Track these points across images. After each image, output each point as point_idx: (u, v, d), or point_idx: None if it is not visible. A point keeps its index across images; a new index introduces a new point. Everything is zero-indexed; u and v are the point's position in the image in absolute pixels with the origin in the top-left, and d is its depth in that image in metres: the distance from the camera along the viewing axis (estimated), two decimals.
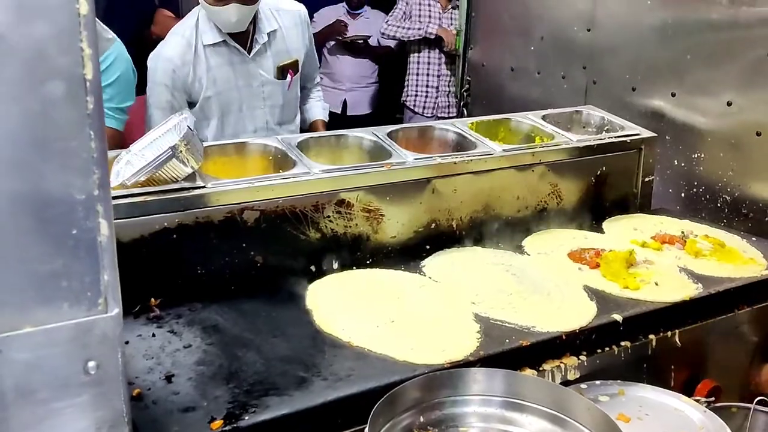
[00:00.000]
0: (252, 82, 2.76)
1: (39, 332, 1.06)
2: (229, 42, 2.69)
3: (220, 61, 2.70)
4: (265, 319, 1.65)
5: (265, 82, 2.79)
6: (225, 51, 2.69)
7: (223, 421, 1.27)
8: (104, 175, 1.06)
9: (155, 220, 1.69)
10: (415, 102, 5.38)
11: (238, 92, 2.75)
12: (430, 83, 5.34)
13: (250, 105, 2.78)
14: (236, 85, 2.74)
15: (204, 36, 2.66)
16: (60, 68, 1.00)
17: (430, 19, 5.22)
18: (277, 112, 2.86)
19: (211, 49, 2.67)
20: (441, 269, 1.91)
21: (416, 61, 5.35)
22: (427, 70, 5.34)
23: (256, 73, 2.77)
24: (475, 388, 1.37)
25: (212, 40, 2.67)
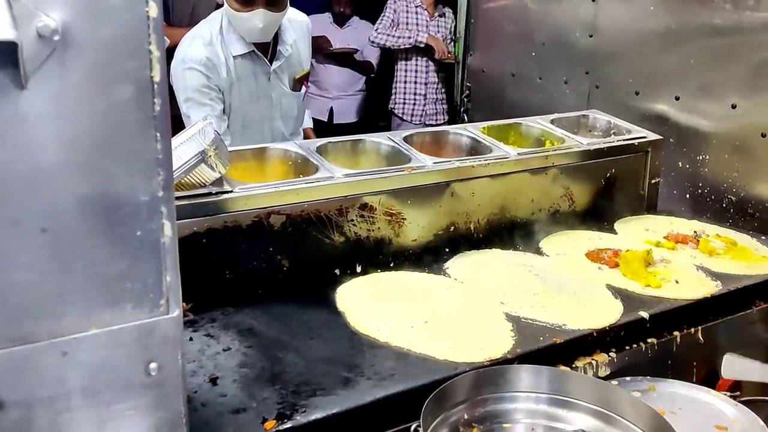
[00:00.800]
0: (272, 94, 2.72)
1: (104, 334, 1.06)
2: (256, 53, 2.63)
3: (245, 72, 2.64)
4: (299, 321, 1.66)
5: (283, 95, 2.76)
6: (250, 63, 2.64)
7: (276, 421, 1.28)
8: (169, 176, 1.07)
9: (185, 224, 1.69)
10: (403, 110, 5.41)
11: (260, 104, 2.71)
12: (418, 91, 5.37)
13: (269, 117, 2.75)
14: (258, 96, 2.69)
15: (232, 47, 2.60)
16: (128, 70, 1.01)
17: (418, 27, 5.26)
18: (291, 124, 2.84)
19: (239, 60, 2.61)
20: (465, 271, 1.93)
21: (404, 68, 5.38)
22: (415, 77, 5.37)
23: (277, 86, 2.73)
24: (519, 384, 1.39)
25: (240, 51, 2.60)
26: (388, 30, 5.29)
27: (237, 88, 2.63)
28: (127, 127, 1.03)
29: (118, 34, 0.99)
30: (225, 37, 2.60)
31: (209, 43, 2.59)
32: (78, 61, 0.97)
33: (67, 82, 0.97)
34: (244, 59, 2.62)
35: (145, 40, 1.01)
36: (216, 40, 2.60)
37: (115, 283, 1.06)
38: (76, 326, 1.04)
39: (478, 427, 1.35)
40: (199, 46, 2.58)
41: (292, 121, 2.85)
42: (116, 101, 1.01)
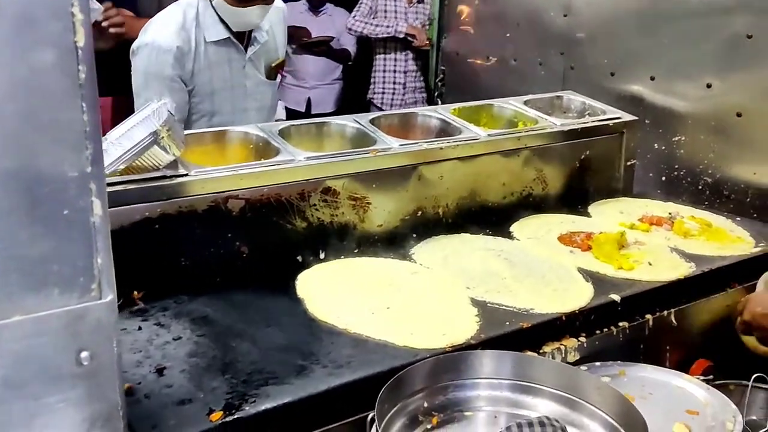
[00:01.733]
0: (246, 82, 2.59)
1: (28, 321, 0.99)
2: (232, 40, 2.51)
3: (219, 59, 2.51)
4: (257, 309, 1.59)
5: (258, 83, 2.63)
6: (224, 49, 2.51)
7: (223, 411, 1.21)
8: (98, 150, 1.00)
9: (136, 209, 1.61)
10: (382, 99, 5.33)
11: (232, 93, 2.57)
12: (397, 80, 5.29)
13: (241, 106, 2.61)
14: (231, 84, 2.56)
15: (207, 32, 2.46)
16: (50, 35, 0.93)
17: (397, 15, 5.17)
18: (264, 113, 2.71)
19: (212, 45, 2.48)
20: (431, 256, 1.87)
21: (382, 58, 5.29)
22: (394, 66, 5.28)
23: (252, 74, 2.60)
24: (481, 371, 1.33)
25: (216, 37, 2.47)
26: (365, 18, 5.20)
27: (207, 75, 2.50)
28: (51, 95, 0.95)
29: None
30: (201, 22, 2.47)
31: (182, 28, 2.45)
32: None
33: None
34: (218, 45, 2.50)
35: (68, 2, 0.93)
36: (191, 25, 2.46)
37: (40, 266, 0.99)
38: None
39: (438, 416, 1.29)
40: (171, 32, 2.43)
41: (266, 111, 2.72)
42: (38, 67, 0.93)
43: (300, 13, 5.62)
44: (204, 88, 2.50)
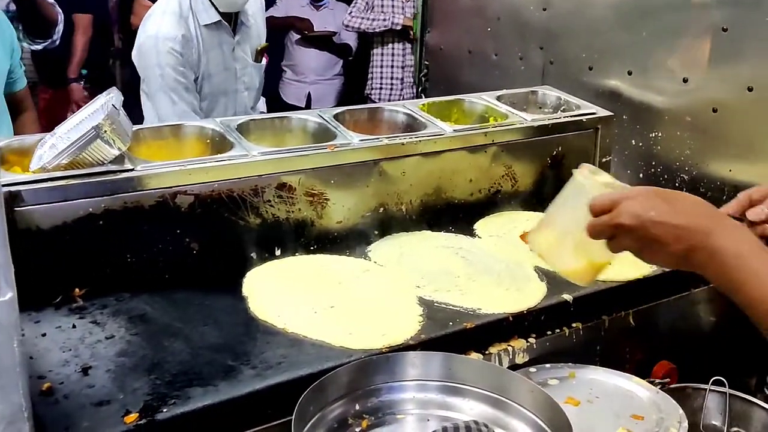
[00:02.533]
0: (236, 65, 2.71)
1: None
2: (222, 23, 2.60)
3: (212, 42, 2.61)
4: (198, 307, 1.56)
5: (246, 65, 2.75)
6: (216, 32, 2.61)
7: (139, 414, 1.18)
8: None
9: (79, 205, 1.59)
10: (380, 95, 5.29)
11: (225, 75, 2.70)
12: (395, 75, 5.25)
13: (233, 88, 2.74)
14: (225, 67, 2.68)
15: (200, 15, 2.55)
16: None
17: (393, 9, 5.13)
18: (253, 95, 2.85)
19: (206, 29, 2.58)
20: (387, 254, 1.83)
21: (380, 53, 5.25)
22: (392, 61, 5.24)
23: (240, 56, 2.72)
24: (412, 372, 1.29)
25: (208, 20, 2.57)
26: (362, 13, 5.16)
27: (205, 59, 2.60)
28: None
29: None
30: (194, 7, 2.56)
31: (181, 16, 2.53)
32: None
33: None
34: (210, 29, 2.59)
35: None
36: (187, 12, 2.55)
37: None
38: None
39: (369, 419, 1.26)
40: (173, 22, 2.52)
41: (254, 93, 2.85)
42: None
43: (301, 7, 5.60)
44: (201, 72, 2.60)
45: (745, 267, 1.08)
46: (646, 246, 1.20)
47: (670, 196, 1.20)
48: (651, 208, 1.17)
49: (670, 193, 1.22)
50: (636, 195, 1.21)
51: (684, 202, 1.18)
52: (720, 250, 1.09)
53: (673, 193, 1.22)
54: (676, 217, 1.15)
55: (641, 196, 1.21)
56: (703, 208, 1.16)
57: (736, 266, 1.08)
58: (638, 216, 1.18)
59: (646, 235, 1.18)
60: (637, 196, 1.21)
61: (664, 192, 1.22)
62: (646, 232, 1.18)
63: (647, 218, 1.17)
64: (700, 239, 1.11)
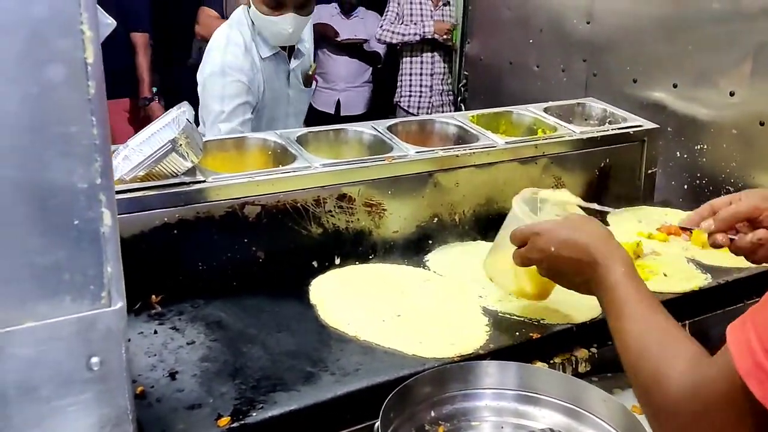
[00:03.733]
0: (289, 91, 2.74)
1: (41, 327, 1.02)
2: (280, 53, 2.65)
3: (272, 71, 2.65)
4: (269, 314, 1.61)
5: (299, 91, 2.79)
6: (274, 63, 2.65)
7: (230, 418, 1.23)
8: (107, 163, 1.03)
9: (155, 215, 1.65)
10: (409, 102, 5.34)
11: (280, 103, 2.74)
12: (424, 83, 5.30)
13: (287, 112, 2.78)
14: (281, 94, 2.73)
15: (261, 49, 2.59)
16: (60, 51, 0.96)
17: (423, 18, 5.18)
18: (301, 119, 2.90)
19: (266, 61, 2.61)
20: (445, 263, 1.88)
21: (409, 60, 5.31)
22: (420, 69, 5.30)
23: (294, 83, 2.75)
24: (487, 381, 1.34)
25: (269, 53, 2.61)
26: (393, 26, 5.22)
27: (264, 87, 2.63)
28: (61, 110, 0.98)
29: (49, 13, 0.95)
30: (256, 41, 2.59)
31: (246, 50, 2.55)
32: (5, 39, 0.93)
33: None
34: (269, 60, 2.62)
35: (77, 19, 0.96)
36: (251, 44, 2.58)
37: (52, 274, 1.02)
38: (9, 319, 1.00)
39: (445, 425, 1.30)
40: (238, 54, 2.54)
41: (301, 116, 2.89)
42: (48, 83, 0.96)
43: (332, 17, 5.67)
44: (263, 101, 2.64)
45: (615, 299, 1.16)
46: (555, 275, 1.37)
47: (575, 227, 1.31)
48: (553, 242, 1.31)
49: (577, 223, 1.34)
50: (543, 230, 1.36)
51: (584, 234, 1.28)
52: (603, 281, 1.19)
53: (579, 224, 1.33)
54: (573, 250, 1.27)
55: (547, 230, 1.34)
56: (596, 238, 1.26)
57: (609, 299, 1.17)
58: (542, 251, 1.34)
59: (552, 266, 1.34)
60: (543, 231, 1.35)
61: (571, 223, 1.34)
62: (551, 263, 1.33)
63: (549, 253, 1.32)
64: (591, 271, 1.22)
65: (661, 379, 0.97)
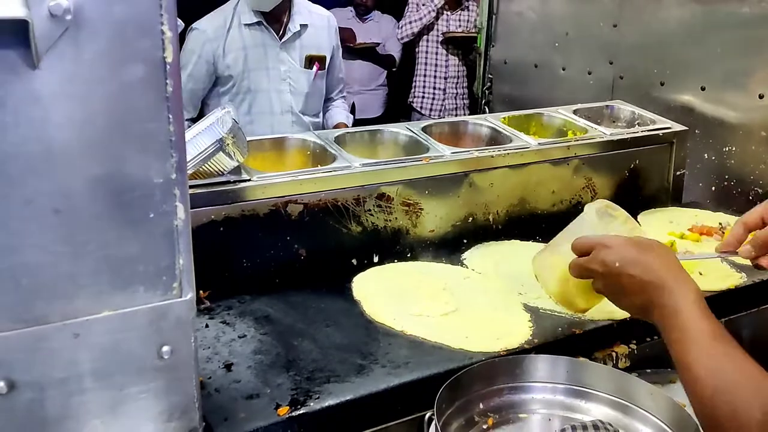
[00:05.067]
0: (280, 66, 3.02)
1: (116, 316, 1.06)
2: (263, 23, 2.97)
3: (254, 41, 2.97)
4: (315, 310, 1.65)
5: (291, 69, 3.05)
6: (259, 33, 2.97)
7: (289, 407, 1.27)
8: (182, 158, 1.07)
9: (203, 212, 1.69)
10: (421, 104, 5.39)
11: (267, 73, 3.01)
12: (437, 85, 5.35)
13: (277, 87, 3.03)
14: (266, 66, 3.00)
15: (243, 16, 2.95)
16: (141, 51, 1.01)
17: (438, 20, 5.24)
18: (301, 100, 3.09)
19: (247, 28, 2.96)
20: (482, 261, 1.91)
21: (423, 62, 5.36)
22: (435, 71, 5.35)
23: (285, 59, 3.03)
24: (535, 374, 1.37)
25: (249, 21, 2.95)
26: (413, 15, 5.28)
27: (241, 54, 2.95)
28: (140, 108, 1.03)
29: (131, 14, 0.99)
30: (239, 8, 2.97)
31: (219, 13, 2.99)
32: (90, 41, 0.97)
33: (80, 62, 0.97)
34: (252, 29, 2.97)
35: (158, 20, 1.00)
36: (229, 10, 2.98)
37: (128, 266, 1.06)
38: (88, 308, 1.04)
39: (494, 417, 1.34)
40: (209, 17, 3.00)
41: (303, 98, 3.09)
42: (129, 82, 1.01)
43: (347, 20, 5.72)
44: (239, 66, 2.97)
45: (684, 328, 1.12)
46: (612, 293, 1.31)
47: (644, 247, 1.27)
48: (619, 258, 1.26)
49: (646, 244, 1.29)
50: (612, 243, 1.30)
51: (652, 256, 1.24)
52: (669, 307, 1.15)
53: (648, 245, 1.28)
54: (640, 270, 1.22)
55: (616, 245, 1.29)
56: (667, 262, 1.22)
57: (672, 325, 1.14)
58: (606, 264, 1.28)
59: (612, 283, 1.28)
60: (612, 245, 1.29)
61: (639, 243, 1.29)
62: (613, 280, 1.28)
63: (614, 267, 1.26)
64: (657, 295, 1.18)
65: (741, 422, 0.99)
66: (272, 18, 2.98)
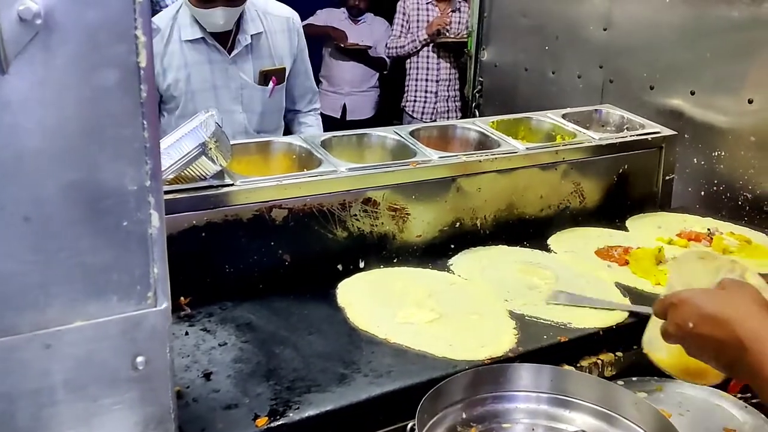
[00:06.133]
0: (230, 83, 2.68)
1: (89, 326, 1.04)
2: (208, 40, 2.61)
3: (198, 58, 2.62)
4: (298, 317, 1.63)
5: (244, 86, 2.70)
6: (204, 48, 2.62)
7: (268, 417, 1.25)
8: (157, 165, 1.05)
9: (184, 218, 1.66)
10: (414, 107, 5.38)
11: (215, 92, 2.67)
12: (429, 88, 5.33)
13: (228, 108, 2.68)
14: (213, 85, 2.66)
15: (183, 31, 2.60)
16: (114, 56, 0.98)
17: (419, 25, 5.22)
18: (255, 119, 2.77)
19: (189, 44, 2.60)
20: (469, 267, 1.90)
21: (415, 66, 5.35)
22: (426, 75, 5.33)
23: (236, 75, 2.68)
24: (519, 383, 1.35)
25: (191, 36, 2.59)
26: (398, 40, 5.28)
27: (183, 73, 2.61)
28: (114, 113, 1.00)
29: (104, 19, 0.97)
30: (178, 22, 2.61)
31: (156, 20, 2.59)
32: (62, 46, 0.94)
33: (51, 67, 0.95)
34: (194, 45, 2.61)
35: (131, 24, 0.98)
36: (166, 25, 2.60)
37: (101, 275, 1.04)
38: (60, 318, 1.02)
39: (477, 427, 1.32)
40: None
41: (256, 116, 2.76)
42: (102, 87, 0.99)
43: (340, 21, 5.71)
44: (181, 86, 2.61)
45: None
46: (699, 356, 1.15)
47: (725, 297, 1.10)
48: (692, 317, 1.10)
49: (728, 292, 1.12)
50: (685, 300, 1.13)
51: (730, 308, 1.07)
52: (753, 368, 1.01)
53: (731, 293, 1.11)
54: (714, 328, 1.07)
55: (689, 301, 1.12)
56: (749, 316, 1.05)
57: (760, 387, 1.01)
58: (679, 326, 1.13)
59: (692, 346, 1.13)
60: (684, 302, 1.13)
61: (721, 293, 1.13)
62: (692, 343, 1.13)
63: (687, 330, 1.11)
64: (737, 354, 1.04)
65: None
66: (220, 33, 2.62)
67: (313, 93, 3.03)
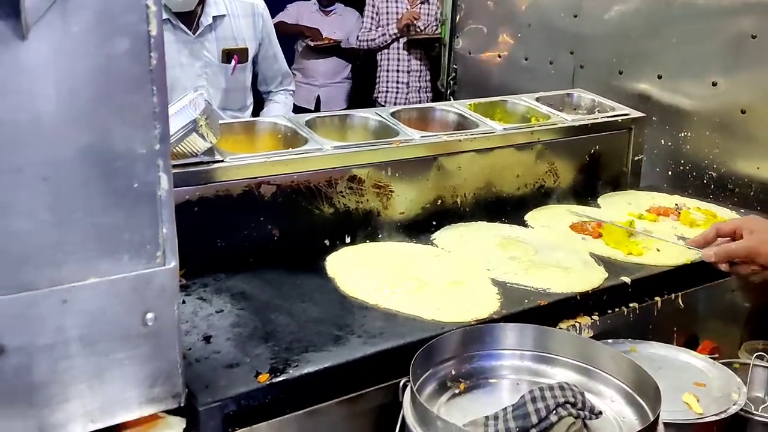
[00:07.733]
0: (195, 62, 2.88)
1: (103, 283, 1.09)
2: (173, 21, 2.80)
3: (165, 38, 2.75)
4: (290, 286, 1.69)
5: (208, 64, 2.90)
6: (170, 29, 2.79)
7: (269, 374, 1.31)
8: (165, 130, 1.11)
9: (177, 192, 1.66)
10: (386, 98, 5.44)
11: (182, 70, 2.86)
12: (401, 79, 5.40)
13: (194, 84, 2.86)
14: (180, 63, 2.84)
15: None
16: (126, 24, 1.04)
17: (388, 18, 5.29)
18: (219, 95, 2.95)
19: None
20: (451, 241, 1.97)
21: (386, 57, 5.41)
22: (397, 66, 5.39)
23: (200, 54, 2.88)
24: (504, 342, 1.43)
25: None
26: (369, 33, 5.33)
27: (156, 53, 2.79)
28: (125, 80, 1.06)
29: None
30: None
31: None
32: (78, 14, 1.00)
33: (67, 34, 1.00)
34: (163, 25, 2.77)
35: None
36: None
37: (113, 234, 1.09)
38: (75, 275, 1.07)
39: (465, 383, 1.39)
40: None
41: (220, 93, 2.94)
42: (114, 54, 1.04)
43: (311, 13, 5.75)
44: None
45: None
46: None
47: None
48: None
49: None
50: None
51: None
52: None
53: None
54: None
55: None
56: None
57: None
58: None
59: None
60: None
61: None
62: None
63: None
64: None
65: None
66: (183, 14, 2.82)
67: (283, 75, 3.24)
